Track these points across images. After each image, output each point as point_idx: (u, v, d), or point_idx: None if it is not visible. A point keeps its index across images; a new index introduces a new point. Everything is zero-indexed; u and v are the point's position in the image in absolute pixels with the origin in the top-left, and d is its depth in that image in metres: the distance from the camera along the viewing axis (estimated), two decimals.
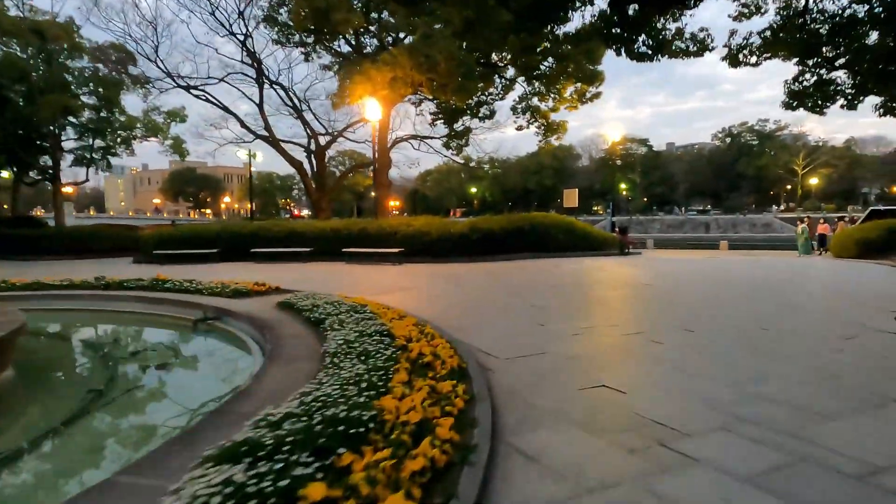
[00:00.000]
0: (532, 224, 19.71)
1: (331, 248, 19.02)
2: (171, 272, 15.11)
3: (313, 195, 29.06)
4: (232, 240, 19.94)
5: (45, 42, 28.49)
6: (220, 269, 16.47)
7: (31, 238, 23.80)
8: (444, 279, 13.19)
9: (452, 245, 18.18)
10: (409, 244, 18.32)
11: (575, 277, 13.36)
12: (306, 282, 12.65)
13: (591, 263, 16.94)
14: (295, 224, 19.98)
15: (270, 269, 16.47)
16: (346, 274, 14.83)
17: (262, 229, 20.02)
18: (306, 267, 17.20)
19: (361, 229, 19.28)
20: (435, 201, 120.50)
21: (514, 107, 28.45)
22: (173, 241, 20.19)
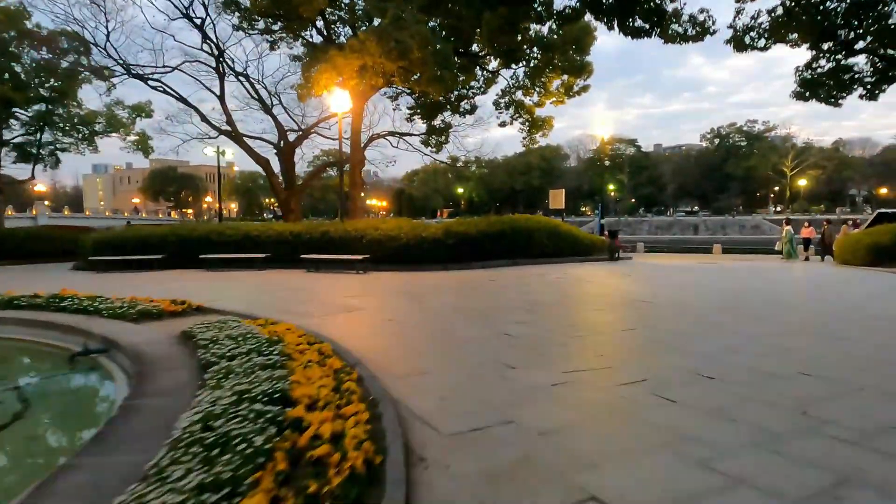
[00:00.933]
0: (513, 227, 17.92)
1: (290, 254, 17.10)
2: (100, 283, 13.11)
3: (281, 195, 27.05)
4: (181, 245, 17.94)
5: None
6: (157, 279, 14.50)
7: None
8: (407, 295, 11.33)
9: (425, 251, 16.34)
10: (376, 250, 16.45)
11: (559, 292, 11.56)
12: (243, 298, 10.72)
13: (578, 272, 15.17)
14: (250, 227, 17.99)
15: (214, 278, 14.53)
16: (296, 286, 12.91)
17: (214, 233, 18.03)
18: (258, 276, 15.25)
19: (324, 233, 17.36)
20: (421, 201, 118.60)
21: (497, 101, 26.66)
22: (114, 247, 18.14)
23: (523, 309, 9.14)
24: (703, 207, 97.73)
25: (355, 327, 7.91)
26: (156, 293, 10.02)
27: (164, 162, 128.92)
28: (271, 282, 13.87)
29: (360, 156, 26.04)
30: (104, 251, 18.14)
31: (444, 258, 16.40)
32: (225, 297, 10.52)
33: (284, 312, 8.44)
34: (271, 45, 24.55)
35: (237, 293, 11.69)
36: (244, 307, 9.08)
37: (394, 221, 18.03)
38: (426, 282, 13.31)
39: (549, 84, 24.70)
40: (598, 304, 9.88)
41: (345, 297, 10.95)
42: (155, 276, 15.98)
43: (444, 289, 12.01)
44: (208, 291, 11.65)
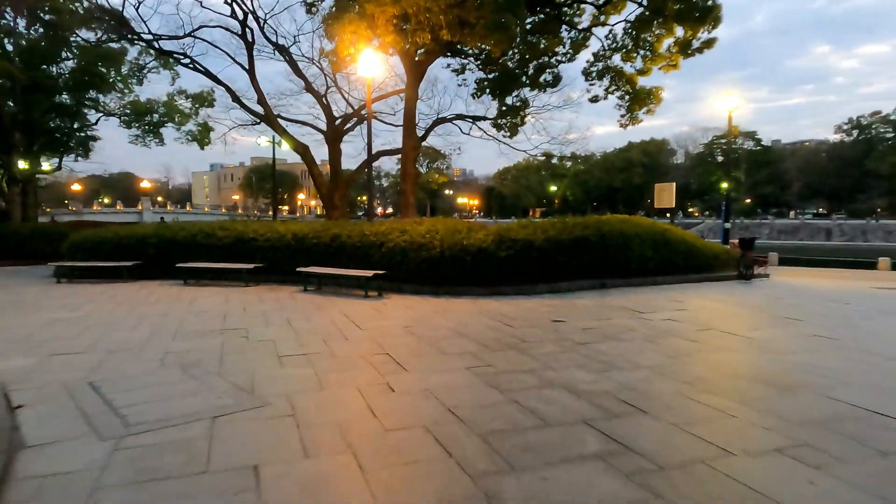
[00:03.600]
0: (601, 232, 12.32)
1: (290, 264, 12.62)
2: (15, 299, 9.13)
3: (323, 188, 22.93)
4: (163, 249, 14.03)
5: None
6: (97, 298, 10.45)
7: None
8: (413, 356, 6.25)
9: (467, 267, 11.19)
10: (399, 263, 11.55)
11: (680, 370, 5.99)
12: (134, 347, 6.15)
13: (702, 310, 9.38)
14: (246, 228, 13.70)
15: (170, 299, 10.26)
16: (243, 328, 8.22)
17: (202, 234, 13.92)
18: (230, 299, 10.81)
19: (334, 237, 12.69)
20: (512, 200, 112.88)
21: (588, 70, 20.83)
22: (88, 249, 14.57)
23: (597, 433, 3.77)
24: (835, 209, 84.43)
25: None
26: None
27: (263, 160, 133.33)
28: (228, 312, 9.33)
29: (414, 141, 21.28)
30: (76, 255, 14.65)
31: (493, 277, 11.19)
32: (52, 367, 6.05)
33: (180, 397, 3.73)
34: (308, 7, 20.34)
35: (137, 338, 7.18)
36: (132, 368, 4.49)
37: (429, 222, 13.02)
38: (451, 320, 8.19)
39: (658, 44, 18.61)
40: (787, 428, 4.28)
41: (306, 360, 6.05)
42: (98, 291, 12.06)
43: (468, 339, 6.85)
44: (77, 334, 7.28)
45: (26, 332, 7.45)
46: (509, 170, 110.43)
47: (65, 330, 7.54)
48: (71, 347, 6.55)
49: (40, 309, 9.39)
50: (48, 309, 9.37)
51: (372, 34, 15.18)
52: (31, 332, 7.39)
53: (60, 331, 7.50)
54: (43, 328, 7.69)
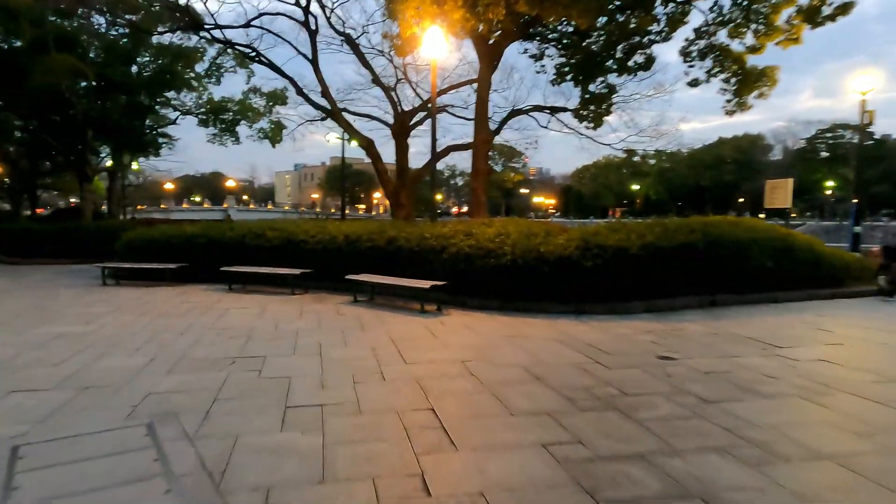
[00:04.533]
0: (711, 237, 10.01)
1: (341, 270, 11.13)
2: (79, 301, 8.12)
3: (389, 186, 21.52)
4: (210, 250, 12.98)
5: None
6: (125, 305, 9.37)
7: (15, 234, 19.47)
8: (467, 417, 4.44)
9: (544, 279, 9.23)
10: (463, 271, 9.76)
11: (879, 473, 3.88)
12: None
13: (874, 345, 6.93)
14: (297, 229, 12.37)
15: (202, 309, 8.96)
16: (261, 356, 6.70)
17: (251, 235, 12.74)
18: (266, 311, 9.43)
19: (390, 240, 11.07)
20: (591, 199, 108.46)
21: (687, 50, 18.14)
22: (138, 249, 13.79)
23: None
24: None
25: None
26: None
27: (343, 160, 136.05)
28: (238, 330, 7.90)
29: (486, 134, 19.41)
30: (128, 255, 13.93)
31: (576, 292, 9.17)
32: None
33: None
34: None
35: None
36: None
37: (499, 223, 11.13)
38: (523, 352, 6.32)
39: (775, 14, 15.72)
40: None
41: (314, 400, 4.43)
42: (132, 296, 11.08)
43: (546, 387, 4.96)
44: (66, 357, 5.99)
45: (12, 352, 6.28)
46: (588, 168, 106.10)
47: (57, 351, 6.31)
48: (42, 379, 5.24)
49: (55, 319, 8.35)
50: (63, 319, 8.31)
51: (438, 10, 13.47)
52: (16, 353, 6.21)
53: (52, 352, 6.27)
54: (35, 347, 6.50)
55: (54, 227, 19.70)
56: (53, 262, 18.40)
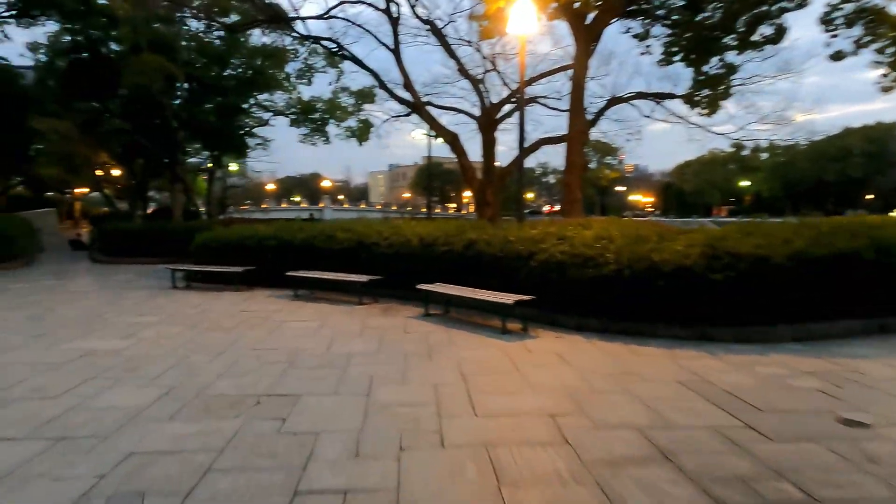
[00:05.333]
0: (879, 244, 7.69)
1: (414, 277, 9.81)
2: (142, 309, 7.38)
3: (474, 183, 20.05)
4: (280, 252, 12.14)
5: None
6: (178, 314, 8.56)
7: (111, 234, 19.91)
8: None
9: (659, 292, 7.35)
10: (555, 282, 8.08)
11: None
12: None
13: None
14: (370, 230, 11.20)
15: (256, 321, 7.92)
16: (294, 395, 5.42)
17: (321, 237, 11.73)
18: (324, 326, 8.26)
19: (469, 244, 9.57)
20: (693, 197, 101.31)
21: (829, 16, 15.20)
22: (212, 251, 13.27)
23: None
24: None
25: None
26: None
27: (432, 158, 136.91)
28: (282, 352, 6.70)
29: (582, 124, 17.44)
30: (201, 257, 13.46)
31: (700, 312, 7.23)
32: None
33: None
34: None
35: None
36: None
37: (599, 224, 9.30)
38: (638, 404, 4.62)
39: None
40: None
41: None
42: (192, 303, 10.34)
43: (682, 476, 3.29)
44: (72, 386, 5.01)
45: (20, 375, 5.43)
46: (690, 163, 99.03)
47: (67, 377, 5.39)
48: (22, 421, 4.24)
49: (98, 330, 7.63)
50: (106, 331, 7.57)
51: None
52: (22, 378, 5.35)
53: (61, 378, 5.36)
54: (49, 369, 5.65)
55: (144, 227, 20.09)
56: (145, 261, 18.59)
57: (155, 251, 18.89)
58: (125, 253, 19.29)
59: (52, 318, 8.50)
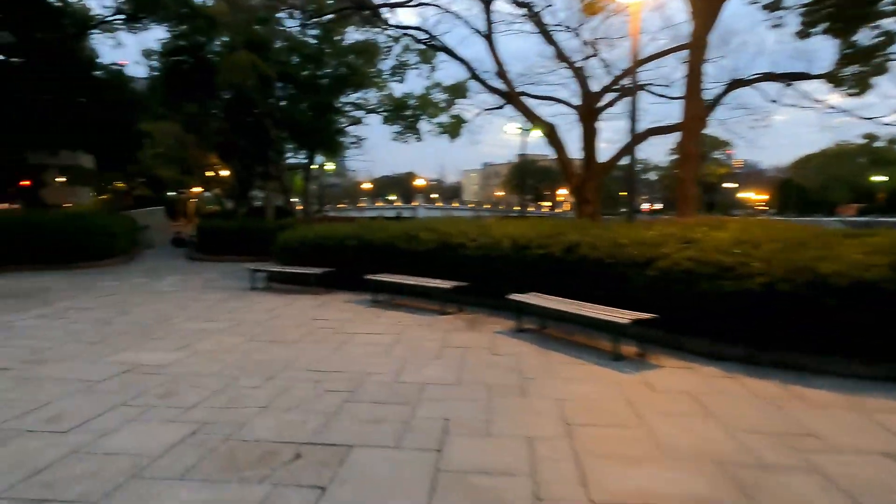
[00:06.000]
0: None
1: (505, 284, 8.51)
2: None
3: (573, 178, 18.32)
4: (360, 252, 11.24)
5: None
6: (245, 321, 7.80)
7: (207, 232, 20.11)
8: None
9: (828, 314, 5.54)
10: (680, 296, 6.46)
11: None
12: None
13: None
14: (453, 230, 9.99)
15: (324, 333, 6.94)
16: (346, 446, 4.25)
17: (403, 237, 10.67)
18: (399, 343, 7.12)
19: (570, 248, 8.09)
20: (815, 195, 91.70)
21: None
22: (292, 251, 12.67)
23: None
24: None
25: None
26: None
27: (526, 157, 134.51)
28: (344, 380, 5.61)
29: (700, 109, 15.25)
30: (282, 256, 12.92)
31: (892, 344, 5.35)
32: None
33: None
34: None
35: None
36: None
37: (736, 224, 7.49)
38: (827, 484, 3.06)
39: None
40: None
41: None
42: (263, 307, 9.62)
43: None
44: (91, 415, 4.17)
45: (44, 397, 4.71)
46: (812, 157, 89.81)
47: (93, 403, 4.59)
48: (6, 470, 3.41)
49: (156, 339, 6.96)
50: (164, 340, 6.88)
51: None
52: (46, 401, 4.62)
53: (87, 404, 4.58)
54: (79, 391, 4.90)
55: (237, 226, 20.17)
56: (236, 258, 18.59)
57: (246, 249, 18.84)
58: (219, 251, 19.45)
59: (119, 321, 8.04)
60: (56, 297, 10.42)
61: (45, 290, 11.53)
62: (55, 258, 15.50)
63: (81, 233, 16.17)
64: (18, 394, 4.81)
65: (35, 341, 6.76)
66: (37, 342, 6.71)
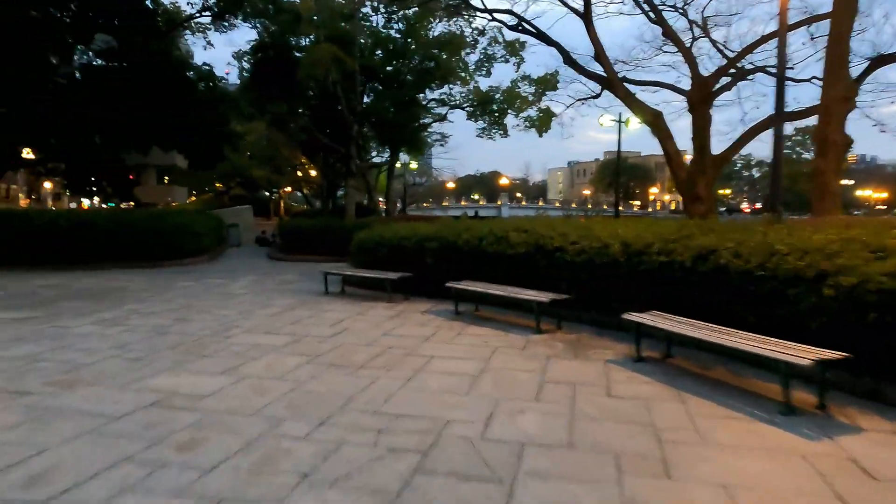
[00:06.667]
0: None
1: (617, 298, 6.97)
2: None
3: (681, 172, 16.14)
4: (442, 255, 9.98)
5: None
6: (308, 334, 6.73)
7: (288, 231, 19.65)
8: None
9: None
10: (877, 327, 4.66)
11: None
12: None
13: None
14: (551, 232, 8.48)
15: (394, 356, 5.64)
16: None
17: (490, 239, 9.27)
18: (485, 373, 5.72)
19: (702, 254, 6.37)
20: None
21: None
22: (367, 252, 11.64)
23: None
24: None
25: None
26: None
27: (616, 154, 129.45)
28: (413, 446, 4.28)
29: (846, 88, 12.75)
30: (359, 258, 11.95)
31: None
32: None
33: None
34: None
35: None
36: None
37: None
38: None
39: None
40: None
41: None
42: (330, 317, 8.54)
43: None
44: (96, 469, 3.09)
45: (46, 443, 3.76)
46: None
47: (95, 452, 3.58)
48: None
49: (205, 357, 6.01)
50: (212, 359, 5.90)
51: None
52: (42, 449, 3.65)
53: (88, 452, 3.57)
54: (89, 431, 3.92)
55: (316, 224, 19.66)
56: (317, 258, 18.04)
57: (326, 249, 18.25)
58: (300, 250, 19.02)
59: (174, 331, 7.24)
60: (127, 299, 9.97)
61: (121, 289, 11.22)
62: (143, 256, 15.51)
63: (168, 231, 16.13)
64: (18, 434, 3.91)
65: (78, 354, 6.02)
66: (79, 356, 5.97)
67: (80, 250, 14.80)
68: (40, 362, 5.71)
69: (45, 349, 6.24)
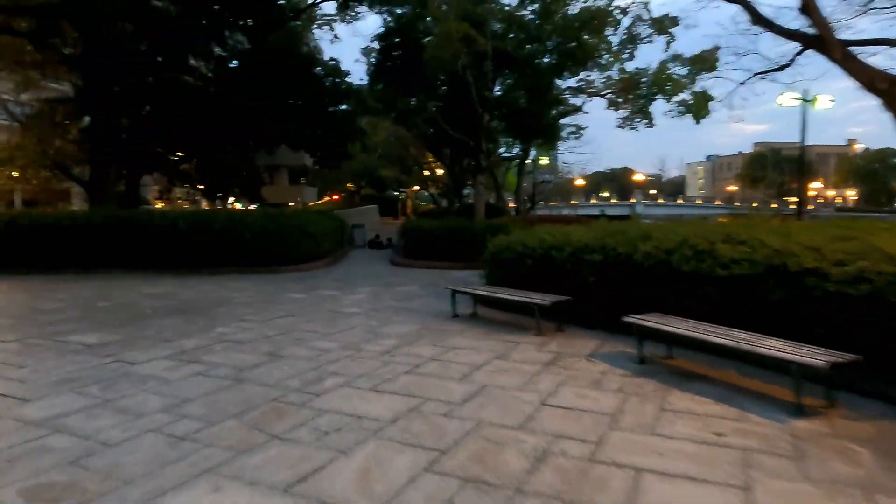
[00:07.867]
0: None
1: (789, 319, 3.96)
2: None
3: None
4: (610, 273, 7.28)
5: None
6: (420, 386, 4.47)
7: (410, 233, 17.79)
8: None
9: None
10: None
11: None
12: None
13: None
14: (789, 242, 5.49)
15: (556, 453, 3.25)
16: None
17: (685, 252, 6.42)
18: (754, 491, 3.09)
19: None
20: None
21: None
22: (504, 264, 9.20)
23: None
24: None
25: None
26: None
27: (767, 145, 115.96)
28: None
29: None
30: (494, 271, 9.59)
31: None
32: None
33: None
34: None
35: None
36: None
37: None
38: None
39: None
40: None
41: None
42: (459, 364, 6.18)
43: None
44: None
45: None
46: None
47: None
48: None
49: (283, 428, 3.94)
50: (286, 441, 3.81)
51: None
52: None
53: None
54: None
55: (440, 226, 17.62)
56: (443, 265, 16.05)
57: (453, 254, 16.14)
58: (423, 255, 17.11)
59: (252, 380, 5.31)
60: (223, 317, 8.48)
61: (224, 302, 9.86)
62: (259, 260, 14.45)
63: (283, 233, 14.96)
64: None
65: (112, 421, 4.23)
66: (111, 425, 4.17)
67: (199, 253, 14.01)
68: (55, 435, 3.98)
69: (79, 406, 4.56)
